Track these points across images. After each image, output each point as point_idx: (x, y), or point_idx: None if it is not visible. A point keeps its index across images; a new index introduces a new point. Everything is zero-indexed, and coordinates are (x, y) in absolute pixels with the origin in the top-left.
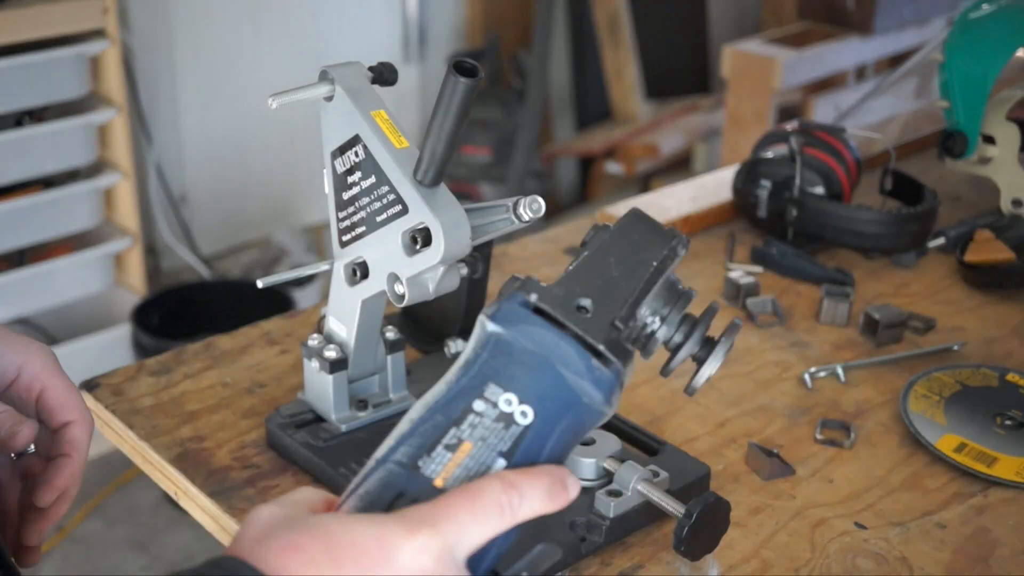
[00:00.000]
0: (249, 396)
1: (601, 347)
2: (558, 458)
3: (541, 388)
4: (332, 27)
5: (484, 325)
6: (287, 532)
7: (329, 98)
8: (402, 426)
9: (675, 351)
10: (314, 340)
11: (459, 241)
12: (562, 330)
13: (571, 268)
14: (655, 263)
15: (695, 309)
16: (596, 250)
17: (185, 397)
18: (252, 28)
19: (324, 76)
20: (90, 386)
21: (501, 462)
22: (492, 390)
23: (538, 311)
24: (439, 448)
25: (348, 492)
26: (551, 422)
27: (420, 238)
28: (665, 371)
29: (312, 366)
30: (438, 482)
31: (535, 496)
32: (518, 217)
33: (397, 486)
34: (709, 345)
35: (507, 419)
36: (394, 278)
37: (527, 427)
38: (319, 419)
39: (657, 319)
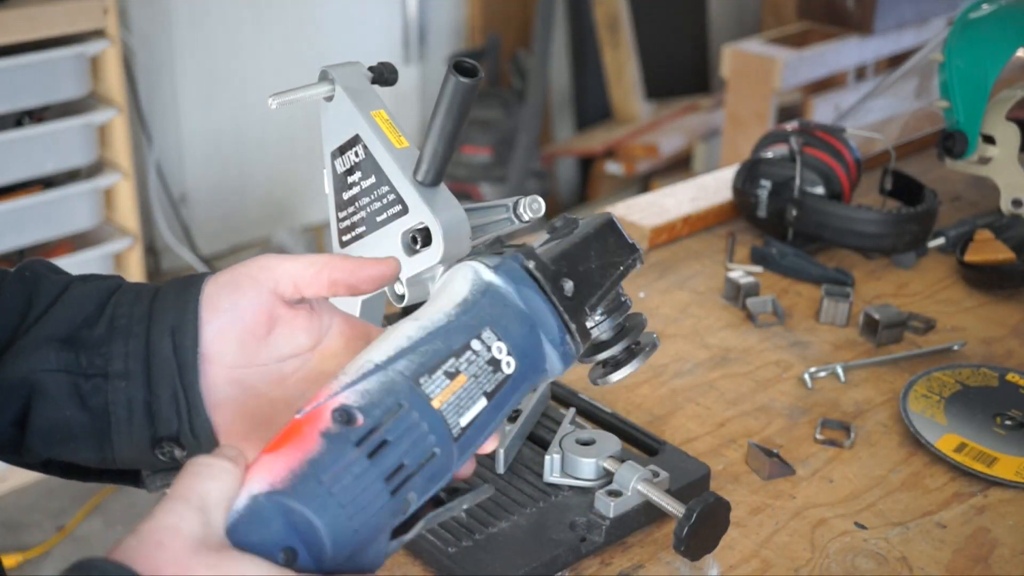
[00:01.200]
0: None
1: (574, 328)
2: (501, 419)
3: (525, 346)
4: (332, 27)
5: (480, 272)
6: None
7: (329, 98)
8: (398, 339)
9: (601, 349)
10: None
11: (459, 241)
12: (548, 301)
13: (557, 247)
14: (621, 268)
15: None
16: (580, 240)
17: None
18: (252, 28)
19: (324, 76)
20: None
21: (483, 401)
22: (488, 335)
23: (532, 277)
24: (439, 373)
25: (341, 385)
26: (523, 378)
27: (420, 238)
28: (589, 362)
29: None
30: (435, 403)
31: None
32: (518, 217)
33: (398, 395)
34: (629, 354)
35: (496, 365)
36: None
37: (508, 376)
38: None
39: (602, 318)
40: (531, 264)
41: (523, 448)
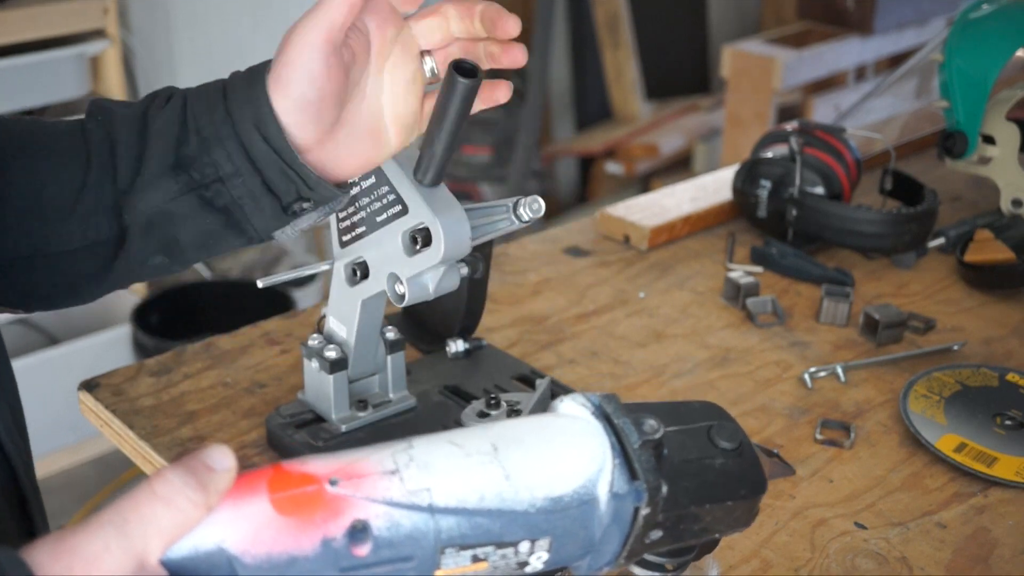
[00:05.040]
0: (249, 396)
1: (623, 562)
2: None
3: (563, 560)
4: None
5: (599, 483)
6: None
7: None
8: (473, 488)
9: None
10: (314, 340)
11: (459, 241)
12: (622, 546)
13: (692, 491)
14: (717, 536)
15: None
16: (719, 505)
17: (185, 397)
18: (252, 28)
19: None
20: (90, 386)
21: None
22: (542, 543)
23: (632, 524)
24: (469, 553)
25: (384, 497)
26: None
27: (420, 238)
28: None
29: (312, 366)
30: (439, 573)
31: None
32: (518, 217)
33: (416, 549)
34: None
35: (523, 566)
36: (394, 278)
37: (524, 574)
38: (319, 419)
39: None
40: (645, 514)
41: None
